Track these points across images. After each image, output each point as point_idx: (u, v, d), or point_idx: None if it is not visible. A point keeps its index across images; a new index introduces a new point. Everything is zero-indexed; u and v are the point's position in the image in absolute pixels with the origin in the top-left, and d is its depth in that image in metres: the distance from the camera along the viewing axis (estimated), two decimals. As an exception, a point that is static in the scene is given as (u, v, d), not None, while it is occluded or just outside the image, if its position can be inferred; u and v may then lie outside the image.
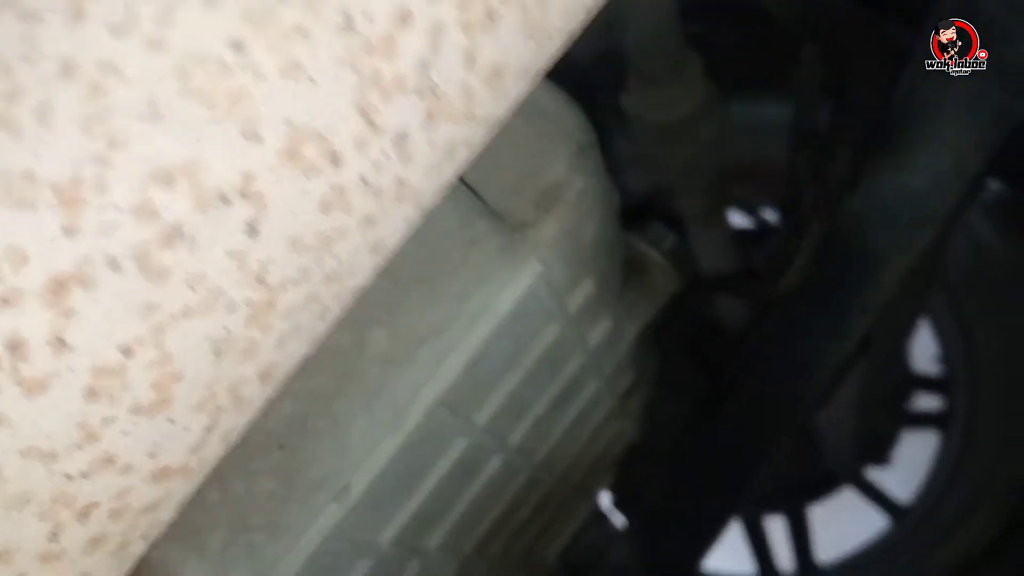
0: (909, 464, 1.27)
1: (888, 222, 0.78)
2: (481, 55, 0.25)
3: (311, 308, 0.25)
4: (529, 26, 0.25)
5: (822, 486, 1.28)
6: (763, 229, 1.30)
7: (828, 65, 0.95)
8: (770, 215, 1.31)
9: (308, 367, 0.31)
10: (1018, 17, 0.74)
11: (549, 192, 0.44)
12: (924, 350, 1.28)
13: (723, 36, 1.24)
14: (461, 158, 0.27)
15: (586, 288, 0.50)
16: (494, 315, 0.42)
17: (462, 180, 0.42)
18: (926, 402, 1.29)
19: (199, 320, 0.23)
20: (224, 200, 0.22)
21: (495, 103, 0.26)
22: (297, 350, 0.26)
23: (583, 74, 1.08)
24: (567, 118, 0.46)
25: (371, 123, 0.23)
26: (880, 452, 1.17)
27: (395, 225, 0.26)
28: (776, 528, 1.32)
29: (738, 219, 1.29)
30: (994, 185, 0.91)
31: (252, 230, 0.23)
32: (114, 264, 0.21)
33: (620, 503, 0.97)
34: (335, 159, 0.23)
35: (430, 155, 0.25)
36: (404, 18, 0.23)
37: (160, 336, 0.22)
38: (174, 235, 0.22)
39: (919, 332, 1.21)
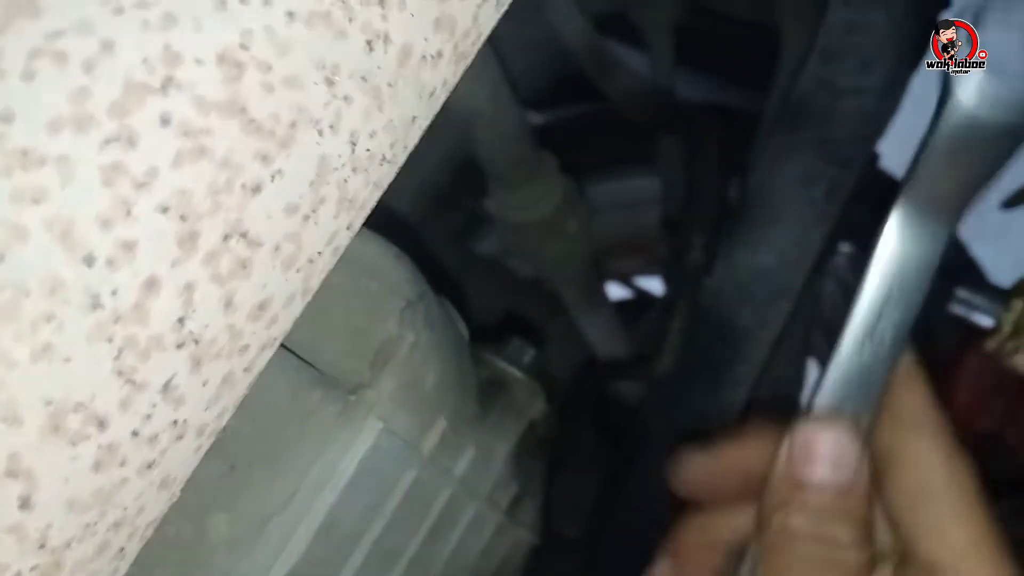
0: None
1: (746, 299, 0.81)
2: (239, 298, 0.26)
3: (104, 555, 0.26)
4: (286, 261, 0.27)
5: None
6: (641, 298, 1.34)
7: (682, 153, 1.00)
8: (646, 282, 1.35)
9: (147, 562, 0.32)
10: (833, 96, 0.79)
11: (382, 350, 0.46)
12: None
13: (588, 118, 1.28)
14: (242, 383, 0.29)
15: (439, 427, 0.51)
16: (339, 480, 0.43)
17: (291, 350, 0.43)
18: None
19: (-17, 596, 0.24)
20: (-9, 483, 0.23)
21: (267, 331, 0.28)
22: (98, 594, 0.27)
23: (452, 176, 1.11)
24: (394, 273, 0.47)
25: (132, 383, 0.25)
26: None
27: (180, 461, 0.27)
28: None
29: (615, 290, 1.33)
30: (845, 248, 0.95)
31: (25, 504, 0.24)
32: None
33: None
34: (100, 423, 0.24)
35: (204, 392, 0.27)
36: (151, 286, 0.24)
37: (-59, 622, 0.23)
38: (-57, 525, 0.23)
39: (811, 376, 1.25)
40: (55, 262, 0.23)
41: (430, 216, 1.18)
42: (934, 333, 1.09)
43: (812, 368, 1.28)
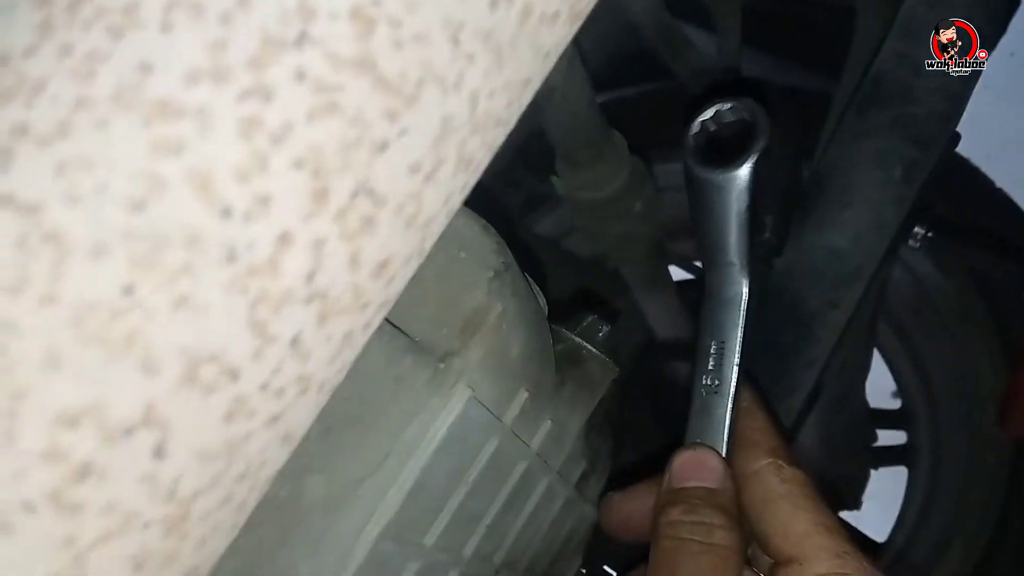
0: (886, 501, 1.29)
1: (818, 281, 0.80)
2: (364, 256, 0.26)
3: (227, 506, 0.27)
4: (407, 221, 0.27)
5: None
6: (701, 279, 1.33)
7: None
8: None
9: (251, 521, 0.33)
10: (914, 73, 0.77)
11: (471, 319, 0.46)
12: (884, 386, 1.31)
13: (652, 97, 1.27)
14: (360, 340, 0.29)
15: (520, 398, 0.51)
16: (429, 445, 0.44)
17: (386, 319, 0.43)
18: (891, 437, 1.31)
19: (116, 543, 0.24)
20: (128, 432, 0.23)
21: (385, 289, 0.28)
22: (219, 544, 0.28)
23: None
24: (483, 244, 0.47)
25: (264, 335, 0.25)
26: (851, 496, 1.18)
27: (302, 416, 0.28)
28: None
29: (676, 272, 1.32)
30: (919, 231, 0.94)
31: (159, 453, 0.24)
32: (29, 507, 0.22)
33: (594, 580, 0.98)
34: (233, 374, 0.25)
35: (328, 348, 0.27)
36: (285, 240, 0.24)
37: (81, 565, 0.23)
38: (84, 471, 0.23)
39: (876, 368, 1.24)
40: (194, 214, 0.23)
41: (493, 193, 1.18)
42: (1014, 336, 1.08)
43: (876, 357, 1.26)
